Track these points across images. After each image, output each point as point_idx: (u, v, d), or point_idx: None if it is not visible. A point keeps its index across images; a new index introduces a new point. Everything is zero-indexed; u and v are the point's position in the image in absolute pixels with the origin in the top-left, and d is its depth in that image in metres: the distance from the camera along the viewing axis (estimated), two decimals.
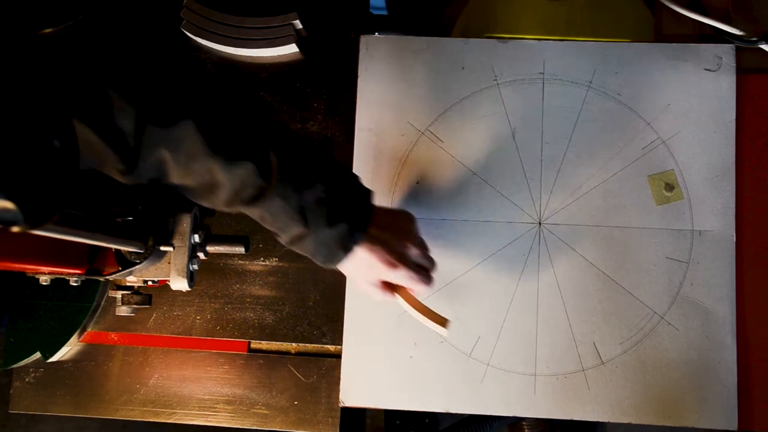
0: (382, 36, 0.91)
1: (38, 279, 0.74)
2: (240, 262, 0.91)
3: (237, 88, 0.94)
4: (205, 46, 0.94)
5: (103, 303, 0.91)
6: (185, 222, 0.76)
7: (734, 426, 0.81)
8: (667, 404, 0.82)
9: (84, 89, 0.54)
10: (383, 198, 0.87)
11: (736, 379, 0.81)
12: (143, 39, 0.95)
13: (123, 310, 0.81)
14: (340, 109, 0.93)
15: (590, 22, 0.95)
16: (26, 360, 0.89)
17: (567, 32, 0.94)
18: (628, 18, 0.95)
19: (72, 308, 0.89)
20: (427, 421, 1.70)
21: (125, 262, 0.74)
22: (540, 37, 0.92)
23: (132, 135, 0.57)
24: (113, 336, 0.91)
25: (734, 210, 0.84)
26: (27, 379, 0.91)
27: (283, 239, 0.69)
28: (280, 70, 0.94)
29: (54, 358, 0.89)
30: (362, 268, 0.72)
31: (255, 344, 0.91)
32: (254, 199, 0.64)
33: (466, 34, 0.93)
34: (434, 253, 0.86)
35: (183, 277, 0.75)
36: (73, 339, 0.89)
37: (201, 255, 0.79)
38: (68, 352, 0.91)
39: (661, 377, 0.82)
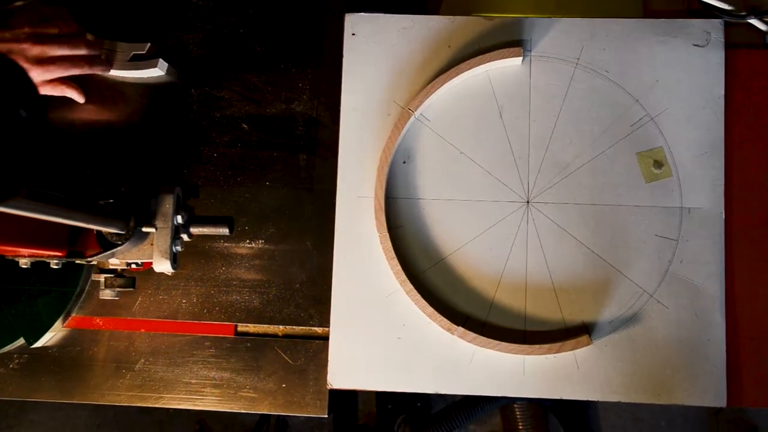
0: (368, 15, 0.90)
1: (18, 262, 0.72)
2: (225, 244, 0.90)
3: (223, 68, 0.93)
4: None
5: (87, 288, 0.90)
6: (168, 203, 0.74)
7: (723, 403, 0.80)
8: (656, 382, 0.81)
9: None
10: (370, 179, 0.86)
11: (725, 356, 0.81)
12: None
13: (107, 294, 0.79)
14: (325, 89, 0.92)
15: (580, 1, 0.94)
16: (10, 346, 0.88)
17: (556, 11, 0.93)
18: None
19: (56, 293, 0.88)
20: (419, 405, 1.70)
21: (107, 244, 0.72)
22: (527, 15, 0.91)
23: None
24: (98, 321, 0.90)
25: (723, 187, 0.83)
26: (11, 366, 0.90)
27: None
28: (266, 50, 0.93)
29: (38, 344, 0.88)
30: None
31: (242, 327, 0.90)
32: None
33: (453, 12, 0.91)
34: (422, 234, 0.85)
35: (166, 258, 0.74)
36: (58, 324, 0.88)
37: (185, 236, 0.78)
38: (53, 337, 0.90)
39: (650, 355, 0.82)
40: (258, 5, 0.94)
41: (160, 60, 0.90)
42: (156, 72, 0.91)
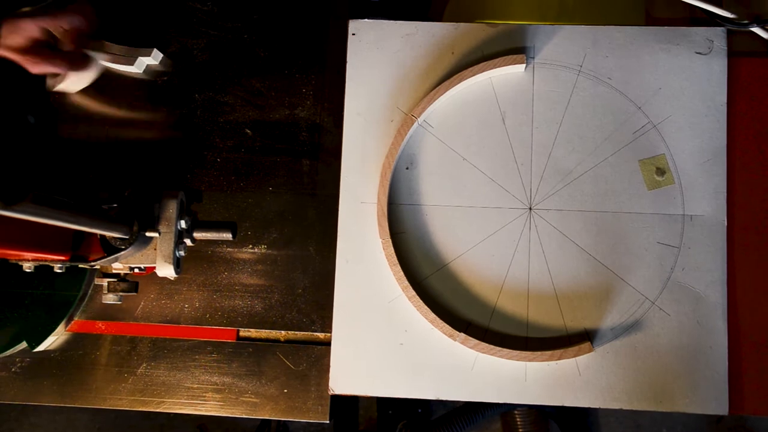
0: (371, 21, 0.90)
1: (21, 266, 0.73)
2: (228, 249, 0.90)
3: (227, 73, 0.93)
4: None
5: (90, 292, 0.90)
6: (171, 207, 0.75)
7: (725, 411, 0.80)
8: (658, 389, 0.81)
9: None
10: (373, 185, 0.86)
11: (727, 363, 0.81)
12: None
13: (109, 298, 0.80)
14: (329, 94, 0.92)
15: (582, 7, 0.94)
16: (12, 350, 0.88)
17: (558, 18, 0.93)
18: (620, 2, 0.94)
19: (58, 297, 0.88)
20: (419, 411, 1.70)
21: (110, 248, 0.73)
22: (530, 22, 0.91)
23: None
24: (100, 325, 0.90)
25: (725, 194, 0.84)
26: (13, 369, 0.90)
27: None
28: (270, 56, 0.93)
29: (40, 348, 0.88)
30: None
31: (244, 332, 0.90)
32: None
33: (456, 19, 0.92)
34: (425, 240, 0.85)
35: (169, 263, 0.74)
36: (60, 328, 0.88)
37: (188, 241, 0.78)
38: (55, 341, 0.90)
39: (652, 363, 0.82)
40: (262, 11, 0.94)
41: (155, 50, 0.90)
42: (150, 61, 0.91)
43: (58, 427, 1.85)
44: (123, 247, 0.72)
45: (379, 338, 0.84)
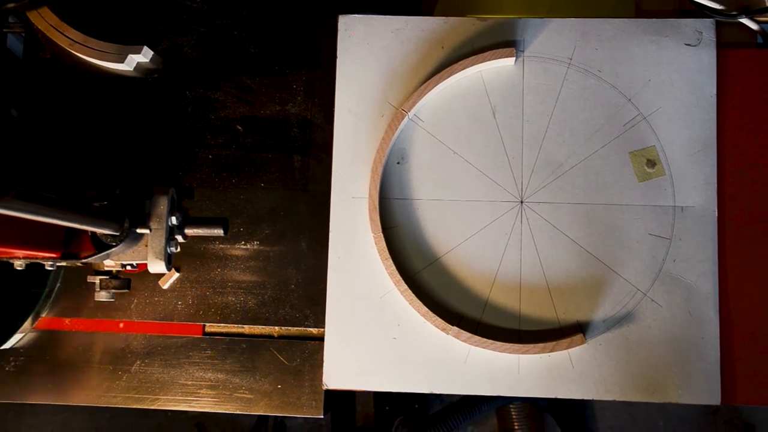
0: (361, 16, 0.90)
1: (12, 264, 0.72)
2: (221, 246, 0.90)
3: (217, 70, 0.93)
4: None
5: (58, 288, 0.90)
6: (162, 204, 0.75)
7: (717, 401, 0.81)
8: (650, 381, 0.81)
9: None
10: (364, 180, 0.86)
11: (719, 354, 0.81)
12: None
13: (102, 296, 0.80)
14: (319, 90, 0.92)
15: (573, 2, 0.94)
16: None
17: (549, 13, 0.93)
18: None
19: (24, 294, 0.88)
20: (416, 406, 1.70)
21: (101, 245, 0.72)
22: (521, 15, 0.91)
23: None
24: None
25: (716, 185, 0.84)
26: (7, 368, 0.90)
27: None
28: (261, 52, 0.93)
29: (7, 345, 0.88)
30: None
31: (236, 329, 0.90)
32: None
33: (447, 14, 0.92)
34: (416, 234, 0.85)
35: (161, 259, 0.74)
36: (27, 325, 0.89)
37: (179, 238, 0.78)
38: (22, 338, 0.90)
39: (644, 354, 0.82)
40: (252, 8, 0.94)
41: (145, 47, 0.90)
42: (140, 59, 0.90)
43: (55, 428, 1.85)
44: (114, 243, 0.72)
45: (372, 333, 0.84)
